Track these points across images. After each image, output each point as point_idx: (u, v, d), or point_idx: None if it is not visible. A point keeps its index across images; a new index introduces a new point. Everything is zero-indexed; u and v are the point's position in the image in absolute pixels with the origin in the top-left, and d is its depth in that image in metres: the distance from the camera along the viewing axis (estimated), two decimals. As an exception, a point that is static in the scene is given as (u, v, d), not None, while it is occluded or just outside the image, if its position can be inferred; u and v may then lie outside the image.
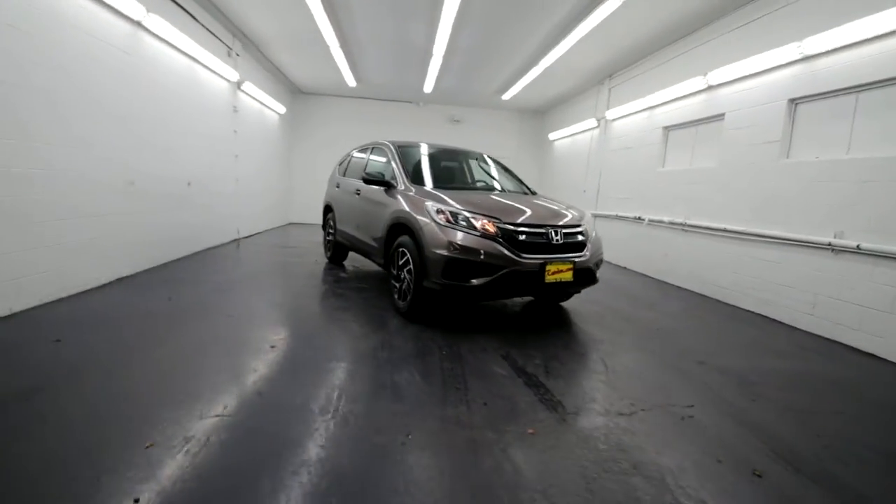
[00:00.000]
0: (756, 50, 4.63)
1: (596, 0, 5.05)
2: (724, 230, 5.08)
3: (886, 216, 3.49)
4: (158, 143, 5.02)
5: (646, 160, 6.85)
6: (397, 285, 3.84)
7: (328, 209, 6.11)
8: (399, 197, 4.02)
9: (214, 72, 6.33)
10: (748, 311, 4.70)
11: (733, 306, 4.89)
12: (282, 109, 9.61)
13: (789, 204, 4.34)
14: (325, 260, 6.25)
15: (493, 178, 4.79)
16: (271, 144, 9.53)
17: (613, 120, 7.88)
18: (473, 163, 5.03)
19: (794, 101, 4.39)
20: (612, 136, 7.95)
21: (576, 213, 3.91)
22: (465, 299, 4.26)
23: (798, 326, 4.16)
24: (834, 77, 3.96)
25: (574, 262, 3.46)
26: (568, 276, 3.42)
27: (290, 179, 11.11)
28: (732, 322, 4.34)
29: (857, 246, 3.62)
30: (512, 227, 3.34)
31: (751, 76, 4.81)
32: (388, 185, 4.24)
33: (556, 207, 3.96)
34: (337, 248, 5.83)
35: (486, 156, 5.23)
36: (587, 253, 3.63)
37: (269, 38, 7.16)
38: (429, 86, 9.20)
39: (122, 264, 4.49)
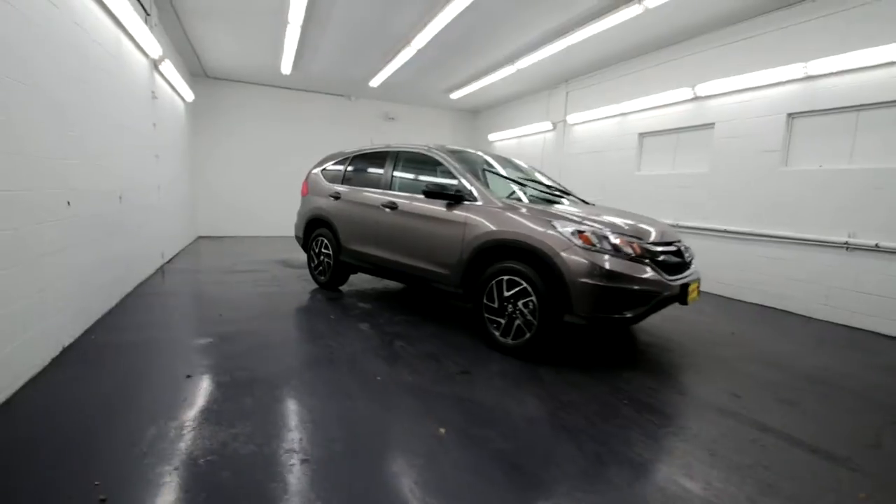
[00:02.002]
0: (757, 66, 5.06)
1: (609, 6, 5.00)
2: (725, 231, 5.51)
3: (901, 218, 4.09)
4: (88, 142, 3.42)
5: (619, 164, 7.14)
6: (499, 320, 3.21)
7: (318, 223, 4.98)
8: (479, 216, 3.37)
9: (137, 44, 4.64)
10: (757, 304, 5.17)
11: (740, 301, 5.34)
12: (190, 96, 7.67)
13: (794, 207, 4.85)
14: (315, 286, 5.11)
15: (561, 189, 4.34)
16: (182, 140, 7.56)
17: (575, 124, 8.07)
18: (535, 173, 4.59)
19: (791, 116, 4.92)
20: (574, 140, 8.15)
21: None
22: (603, 331, 3.88)
23: (813, 316, 4.68)
24: (836, 96, 4.50)
25: (699, 279, 3.30)
26: (696, 294, 3.25)
27: (198, 183, 9.02)
28: (766, 318, 4.70)
29: (876, 245, 4.18)
30: (655, 248, 3.01)
31: (747, 90, 5.26)
32: (456, 200, 3.55)
33: (659, 222, 3.71)
34: (339, 271, 4.79)
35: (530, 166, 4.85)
36: (696, 267, 3.51)
37: (200, 5, 5.56)
38: (378, 80, 8.28)
39: (62, 328, 2.94)
